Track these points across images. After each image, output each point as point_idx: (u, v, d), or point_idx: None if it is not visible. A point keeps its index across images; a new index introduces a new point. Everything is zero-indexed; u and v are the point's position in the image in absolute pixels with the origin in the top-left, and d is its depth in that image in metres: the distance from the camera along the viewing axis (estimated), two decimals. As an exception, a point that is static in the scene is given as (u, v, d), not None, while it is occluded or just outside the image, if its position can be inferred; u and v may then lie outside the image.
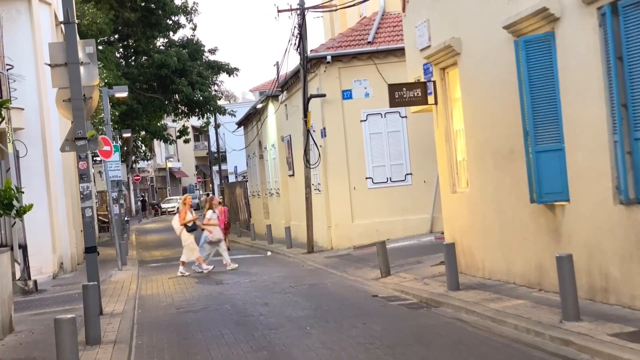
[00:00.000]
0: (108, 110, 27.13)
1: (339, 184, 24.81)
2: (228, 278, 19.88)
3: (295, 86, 28.52)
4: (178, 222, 21.41)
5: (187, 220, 21.21)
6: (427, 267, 16.85)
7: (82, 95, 13.52)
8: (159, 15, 45.49)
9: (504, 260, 13.01)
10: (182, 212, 21.39)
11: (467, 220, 14.44)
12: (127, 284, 19.63)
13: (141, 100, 44.90)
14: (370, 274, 17.59)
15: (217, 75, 47.94)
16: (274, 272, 20.54)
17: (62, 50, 13.57)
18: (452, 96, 15.07)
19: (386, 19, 26.38)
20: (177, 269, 24.13)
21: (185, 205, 21.65)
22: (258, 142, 39.51)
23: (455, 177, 15.11)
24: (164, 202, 80.00)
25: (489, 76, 12.94)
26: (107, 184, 24.72)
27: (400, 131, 24.74)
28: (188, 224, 21.24)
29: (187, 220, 21.21)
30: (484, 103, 13.27)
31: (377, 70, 24.57)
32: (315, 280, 17.94)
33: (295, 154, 30.46)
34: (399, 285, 15.00)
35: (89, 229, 13.54)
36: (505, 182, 12.64)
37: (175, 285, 19.41)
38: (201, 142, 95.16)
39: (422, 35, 15.67)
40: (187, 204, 21.69)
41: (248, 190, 43.29)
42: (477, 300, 11.86)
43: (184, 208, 21.55)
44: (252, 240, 34.20)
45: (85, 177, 13.58)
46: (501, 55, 12.36)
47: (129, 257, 28.81)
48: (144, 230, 53.25)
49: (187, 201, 21.82)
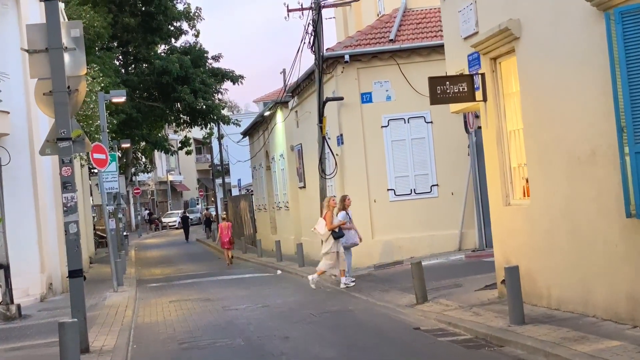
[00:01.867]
0: (104, 116, 24.84)
1: (358, 196, 22.42)
2: (237, 303, 17.50)
3: (307, 90, 26.24)
4: (324, 227, 18.45)
5: (335, 225, 18.33)
6: (469, 292, 14.49)
7: (66, 87, 11.24)
8: (160, 20, 43.34)
9: (579, 287, 10.65)
10: (328, 215, 18.49)
11: (526, 238, 12.09)
12: (122, 309, 17.28)
13: (141, 109, 42.68)
14: (401, 299, 15.24)
15: (221, 83, 45.68)
16: (289, 296, 18.17)
17: (43, 33, 11.31)
18: (505, 91, 12.75)
19: (408, 15, 24.13)
20: (179, 290, 21.88)
21: (330, 208, 18.68)
22: (265, 153, 37.23)
23: (509, 187, 12.77)
24: (165, 217, 77.77)
25: (560, 63, 10.63)
26: (103, 196, 22.41)
27: (426, 138, 22.42)
28: (336, 230, 18.37)
29: (334, 225, 18.37)
30: (551, 96, 10.95)
31: (400, 70, 22.28)
32: (338, 306, 15.58)
33: (306, 164, 28.18)
34: (442, 315, 12.64)
35: (74, 248, 11.21)
36: (583, 191, 10.30)
37: (177, 311, 17.04)
38: (203, 155, 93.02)
39: (468, 20, 13.38)
40: (331, 206, 18.68)
41: (253, 203, 40.97)
42: (556, 339, 9.48)
43: (328, 211, 18.59)
44: (258, 257, 31.87)
45: (70, 186, 11.25)
46: (578, 36, 10.06)
47: (127, 275, 26.54)
48: (144, 246, 50.97)
49: (331, 203, 18.75)
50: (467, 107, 14.17)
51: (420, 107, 22.14)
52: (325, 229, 18.41)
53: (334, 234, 18.33)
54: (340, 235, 18.38)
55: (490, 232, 21.61)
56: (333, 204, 18.68)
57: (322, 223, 18.63)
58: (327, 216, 18.53)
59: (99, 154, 21.48)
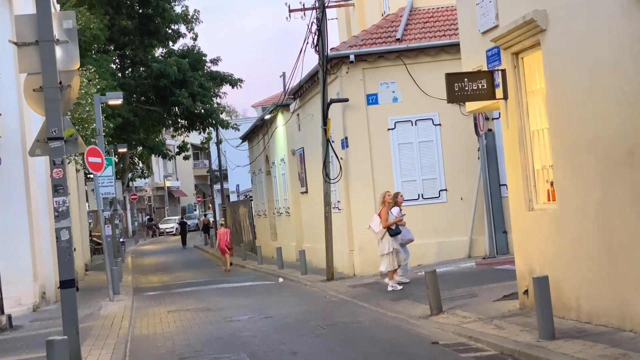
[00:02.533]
0: (100, 119, 23.99)
1: (363, 201, 21.64)
2: (239, 313, 16.65)
3: (310, 92, 25.43)
4: (379, 224, 17.12)
5: (391, 223, 17.05)
6: (487, 303, 13.65)
7: (57, 82, 10.41)
8: (158, 23, 42.51)
9: (614, 299, 9.82)
10: (383, 212, 17.13)
11: (552, 246, 11.26)
12: (119, 319, 16.42)
13: (138, 112, 41.78)
14: (414, 310, 14.40)
15: (220, 86, 44.78)
16: (294, 306, 17.32)
17: (33, 25, 10.51)
18: (528, 88, 11.94)
19: (415, 14, 23.34)
20: (178, 298, 21.05)
21: (385, 204, 17.32)
22: (265, 157, 36.41)
23: (532, 191, 11.94)
24: (162, 223, 76.95)
25: (594, 56, 9.81)
26: (98, 201, 21.55)
27: (434, 141, 21.60)
28: (392, 227, 17.09)
29: (390, 222, 17.06)
30: (583, 93, 10.13)
31: (407, 71, 21.49)
32: (347, 317, 14.73)
33: (308, 169, 27.36)
34: (461, 328, 11.80)
35: (66, 256, 10.37)
36: (619, 195, 9.48)
37: (176, 322, 16.18)
38: (201, 161, 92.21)
39: (487, 13, 12.57)
40: (386, 201, 17.33)
41: (253, 209, 40.12)
42: (594, 357, 8.66)
43: (384, 207, 17.23)
44: (259, 264, 31.02)
45: (61, 190, 10.41)
46: (615, 26, 9.26)
47: (123, 283, 25.69)
48: (141, 252, 50.13)
49: (387, 198, 17.36)
50: (485, 106, 13.34)
51: (428, 108, 21.40)
52: (380, 226, 17.10)
53: (390, 232, 17.03)
54: (396, 233, 17.11)
55: (501, 239, 21.05)
56: (389, 200, 17.37)
57: (376, 220, 17.27)
58: (382, 212, 17.18)
59: (95, 157, 20.60)
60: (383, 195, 17.53)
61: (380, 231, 17.08)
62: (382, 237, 17.12)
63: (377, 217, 17.29)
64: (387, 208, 17.19)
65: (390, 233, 17.03)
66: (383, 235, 17.09)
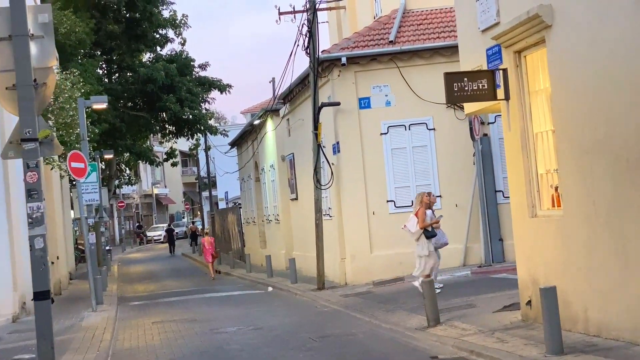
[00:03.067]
0: (84, 123, 23.30)
1: (355, 208, 21.01)
2: (226, 324, 15.96)
3: (300, 96, 24.80)
4: (415, 225, 16.22)
5: (428, 224, 16.16)
6: (486, 314, 13.02)
7: (32, 80, 9.73)
8: (145, 27, 41.86)
9: (626, 311, 9.20)
10: (420, 212, 16.23)
11: (558, 254, 10.64)
12: (100, 331, 15.72)
13: (125, 118, 41.13)
14: (410, 321, 13.76)
15: (208, 92, 44.14)
16: (284, 316, 16.65)
17: (5, 19, 9.80)
18: (531, 88, 11.34)
19: (408, 17, 22.74)
20: (163, 309, 20.39)
21: (423, 204, 16.41)
22: (254, 164, 35.74)
23: (536, 196, 11.32)
24: (150, 230, 76.13)
25: (605, 53, 9.22)
26: (81, 208, 20.83)
27: (428, 146, 20.98)
28: (428, 229, 16.22)
29: (427, 223, 16.15)
30: (593, 92, 9.53)
31: (400, 74, 20.87)
32: (340, 328, 14.06)
33: (299, 175, 26.73)
34: (461, 341, 11.16)
35: (40, 266, 9.68)
36: (633, 200, 8.88)
37: (160, 334, 15.48)
38: (189, 168, 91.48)
39: (487, 10, 11.97)
40: (424, 202, 16.43)
41: (242, 216, 39.42)
42: (608, 374, 8.04)
43: (420, 207, 16.33)
44: (247, 272, 30.32)
45: (35, 195, 9.73)
46: (629, 21, 8.66)
47: (108, 292, 24.95)
48: (127, 261, 49.30)
49: (425, 199, 16.48)
50: (485, 108, 12.73)
51: (422, 113, 20.82)
52: (417, 227, 16.26)
53: (427, 233, 16.23)
54: (433, 235, 16.30)
55: (497, 247, 20.45)
56: (427, 200, 16.54)
57: (413, 221, 16.40)
58: (419, 213, 16.30)
59: (78, 162, 19.95)
60: (421, 196, 16.65)
61: (417, 232, 16.28)
62: (418, 238, 16.33)
63: (414, 217, 16.41)
64: (424, 208, 16.37)
65: (427, 235, 16.24)
66: (419, 236, 16.30)
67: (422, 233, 16.17)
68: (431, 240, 16.21)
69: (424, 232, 16.15)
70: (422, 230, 16.15)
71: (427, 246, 16.18)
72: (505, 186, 20.34)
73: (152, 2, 41.58)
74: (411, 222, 16.37)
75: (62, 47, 31.80)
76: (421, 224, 16.13)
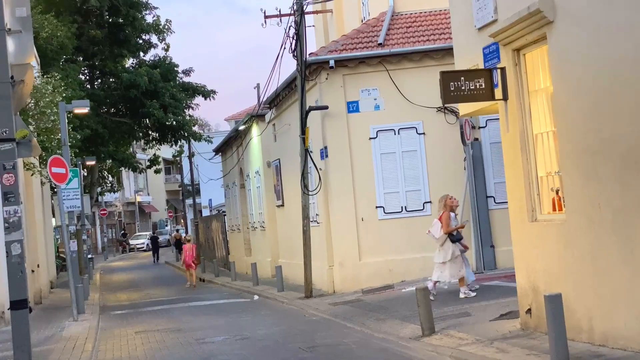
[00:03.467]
0: (65, 128, 22.76)
1: (343, 214, 20.54)
2: (213, 334, 15.43)
3: (287, 100, 24.34)
4: (440, 229, 15.69)
5: (453, 228, 15.63)
6: (483, 323, 12.58)
7: (9, 76, 9.23)
8: (128, 32, 41.29)
9: (635, 319, 8.77)
10: (445, 216, 15.70)
11: (560, 260, 10.21)
12: (82, 342, 15.17)
13: (107, 124, 40.49)
14: (403, 330, 13.30)
15: (192, 98, 43.56)
16: (272, 325, 16.15)
17: (-19, 12, 9.28)
18: (531, 87, 10.92)
19: (397, 19, 22.33)
20: (147, 318, 19.88)
21: (447, 208, 15.89)
22: (239, 170, 35.22)
23: (536, 200, 10.89)
24: (133, 238, 75.39)
25: (612, 49, 8.80)
26: (62, 215, 20.25)
27: (418, 150, 20.55)
28: (453, 233, 15.69)
29: (452, 228, 15.63)
30: (598, 91, 9.12)
31: (390, 77, 20.45)
32: (330, 338, 13.58)
33: (285, 181, 26.26)
34: (459, 351, 10.71)
35: (17, 273, 9.17)
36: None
37: (143, 345, 14.94)
38: (172, 175, 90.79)
39: (484, 7, 11.56)
40: (448, 205, 15.92)
41: (226, 224, 38.86)
42: (621, 386, 7.60)
43: (445, 211, 15.79)
44: (232, 280, 29.79)
45: (12, 198, 9.22)
46: (634, 13, 8.25)
47: (90, 301, 24.35)
48: (110, 269, 48.63)
49: (448, 202, 15.95)
50: (480, 109, 12.30)
51: (412, 117, 20.42)
52: (441, 231, 15.76)
53: (452, 237, 15.71)
54: (459, 238, 15.80)
55: (489, 254, 20.01)
56: (450, 203, 16.05)
57: (437, 225, 15.89)
58: (443, 217, 15.80)
59: (59, 167, 19.38)
60: (444, 199, 16.12)
61: (441, 237, 15.76)
62: (442, 243, 15.80)
63: (438, 222, 15.91)
64: (448, 212, 15.87)
65: (452, 239, 15.71)
66: (444, 241, 15.78)
67: (447, 238, 15.66)
68: (456, 243, 15.69)
69: (450, 236, 15.66)
70: (446, 235, 15.66)
71: (453, 251, 15.64)
72: (496, 191, 19.99)
73: (135, 7, 41.02)
74: (435, 226, 15.86)
75: (43, 52, 31.23)
76: (445, 229, 15.64)
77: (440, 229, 15.69)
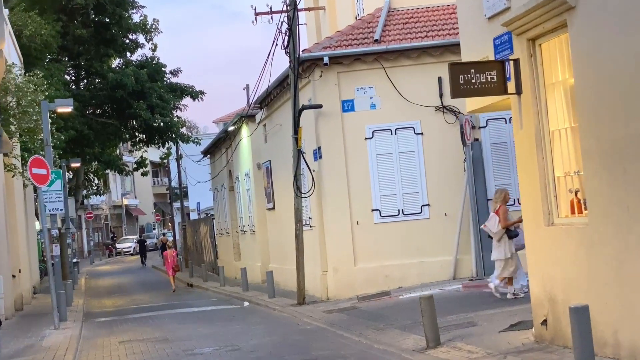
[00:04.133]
0: (48, 128, 21.82)
1: (338, 217, 19.72)
2: (201, 344, 14.54)
3: (279, 99, 23.51)
4: (497, 224, 14.86)
5: (511, 223, 14.76)
6: (492, 333, 11.74)
7: (-24, 64, 8.33)
8: (115, 32, 40.36)
9: (669, 333, 7.95)
10: (502, 210, 14.87)
11: (581, 268, 9.38)
12: (62, 352, 14.28)
13: (93, 125, 39.49)
14: (404, 341, 12.45)
15: (180, 99, 42.63)
16: (264, 335, 15.27)
17: (-54, -7, 8.39)
18: (547, 80, 10.10)
19: (393, 15, 21.54)
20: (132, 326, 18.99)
21: (505, 202, 15.06)
22: (228, 172, 34.34)
23: (553, 202, 10.06)
24: (119, 242, 74.35)
25: (637, 35, 7.97)
26: (42, 217, 19.32)
27: (415, 151, 19.74)
28: (511, 228, 14.82)
29: (510, 222, 14.77)
30: (622, 82, 8.32)
31: (386, 74, 19.64)
32: (327, 350, 12.72)
33: (276, 183, 25.42)
34: (470, 366, 9.87)
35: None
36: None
37: (128, 356, 14.05)
38: (160, 178, 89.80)
39: (496, -6, 10.72)
40: (507, 200, 15.14)
41: (215, 227, 37.97)
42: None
43: (502, 205, 14.95)
44: (221, 285, 28.90)
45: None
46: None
47: (73, 308, 23.42)
48: (96, 273, 47.66)
49: (507, 197, 15.20)
50: (490, 104, 11.47)
51: (409, 116, 19.64)
52: (499, 226, 14.94)
53: (509, 233, 14.89)
54: (516, 234, 14.86)
55: (489, 259, 19.19)
56: (509, 198, 15.37)
57: (494, 219, 15.09)
58: (500, 211, 14.96)
59: (39, 168, 18.51)
60: (503, 192, 15.31)
61: (499, 232, 14.93)
62: (499, 239, 14.99)
63: (495, 216, 15.10)
64: (505, 206, 15.09)
65: (509, 235, 14.89)
66: (501, 236, 14.96)
67: (505, 233, 14.86)
68: (512, 240, 14.88)
69: (507, 232, 14.86)
70: (504, 230, 14.86)
71: (510, 248, 14.87)
72: (497, 194, 19.20)
73: (122, 5, 40.10)
74: (492, 221, 15.09)
75: (27, 51, 30.30)
76: (503, 223, 14.82)
77: (497, 223, 14.91)
